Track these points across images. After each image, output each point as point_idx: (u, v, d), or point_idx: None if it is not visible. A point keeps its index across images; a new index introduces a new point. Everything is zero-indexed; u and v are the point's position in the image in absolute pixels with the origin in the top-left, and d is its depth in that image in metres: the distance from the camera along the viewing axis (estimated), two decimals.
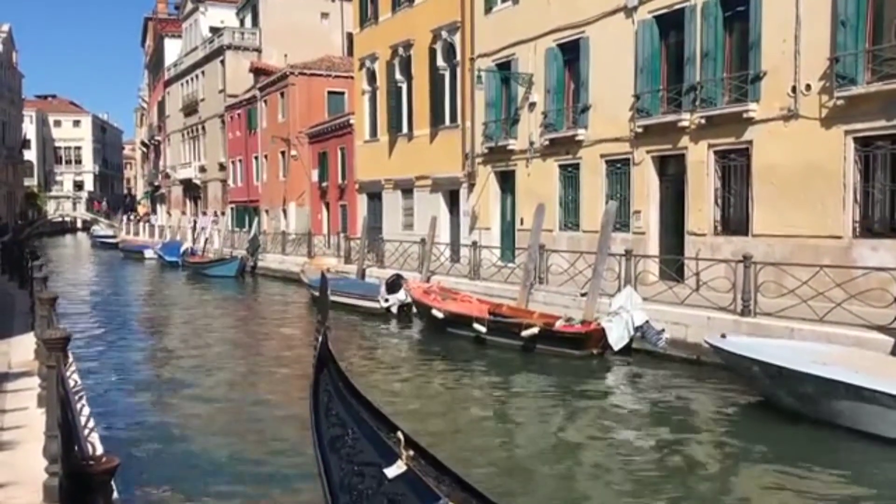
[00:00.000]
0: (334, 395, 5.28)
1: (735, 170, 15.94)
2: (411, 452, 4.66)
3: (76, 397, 7.02)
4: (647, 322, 13.25)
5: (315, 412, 5.22)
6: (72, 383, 7.47)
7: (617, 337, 13.37)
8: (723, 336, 10.78)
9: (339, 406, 5.20)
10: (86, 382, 9.98)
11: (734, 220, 16.05)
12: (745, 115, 15.28)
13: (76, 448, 3.77)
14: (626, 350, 13.37)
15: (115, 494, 4.77)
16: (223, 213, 47.82)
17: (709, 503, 7.24)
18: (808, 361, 9.14)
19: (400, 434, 4.79)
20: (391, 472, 4.51)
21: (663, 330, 13.11)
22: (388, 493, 4.45)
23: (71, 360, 9.00)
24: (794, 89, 14.47)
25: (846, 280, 12.03)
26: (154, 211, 69.19)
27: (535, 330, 13.89)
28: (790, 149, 14.52)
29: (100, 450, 5.22)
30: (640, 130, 17.77)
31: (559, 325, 14.08)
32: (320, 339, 5.54)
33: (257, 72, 44.45)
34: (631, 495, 7.36)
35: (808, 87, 14.24)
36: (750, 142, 15.36)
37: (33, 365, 7.89)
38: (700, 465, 8.24)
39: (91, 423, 6.71)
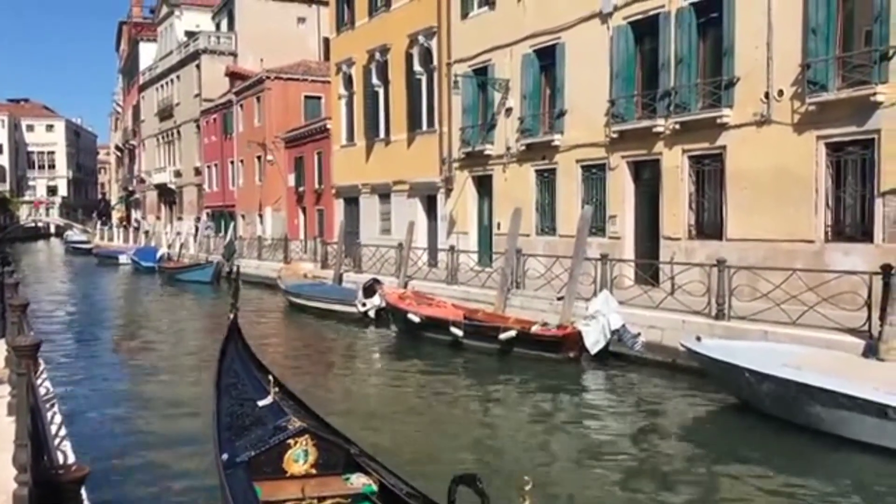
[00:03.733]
0: (236, 356, 6.99)
1: (709, 175, 16.10)
2: (277, 389, 6.52)
3: (48, 405, 6.94)
4: (623, 325, 13.33)
5: (219, 368, 6.85)
6: (43, 391, 7.39)
7: (593, 340, 13.43)
8: (698, 339, 10.86)
9: (238, 364, 6.94)
10: (58, 390, 9.86)
11: (708, 225, 16.20)
12: (718, 121, 15.44)
13: (45, 457, 3.72)
14: (603, 353, 13.44)
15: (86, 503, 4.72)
16: (199, 218, 47.48)
17: (682, 497, 7.29)
18: (780, 365, 9.23)
19: (271, 377, 6.73)
20: (262, 402, 6.37)
21: (639, 333, 13.19)
22: (257, 416, 6.27)
23: (42, 367, 8.90)
24: (766, 95, 14.65)
25: (818, 284, 12.18)
26: (129, 216, 68.49)
27: (512, 333, 13.92)
28: (763, 154, 14.69)
29: (71, 458, 5.15)
30: (615, 136, 17.89)
31: (536, 328, 14.12)
32: (231, 316, 7.24)
33: (233, 76, 44.24)
34: (605, 498, 7.39)
35: (781, 92, 14.43)
36: (723, 147, 15.52)
37: (3, 373, 7.76)
38: (674, 467, 8.30)
39: (63, 431, 6.64)
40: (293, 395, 6.66)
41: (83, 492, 3.91)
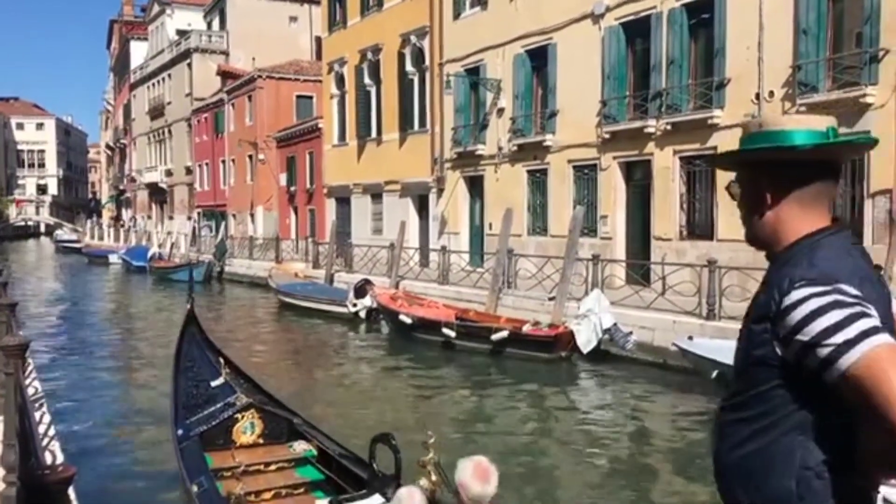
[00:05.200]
0: (192, 341, 7.57)
1: (700, 175, 16.15)
2: (228, 370, 7.23)
3: (36, 405, 6.90)
4: (615, 325, 13.34)
5: (177, 353, 7.40)
6: (32, 391, 7.35)
7: (585, 340, 13.45)
8: (690, 338, 10.89)
9: (194, 348, 7.51)
10: (46, 389, 9.80)
11: (699, 225, 16.25)
12: (710, 122, 15.49)
13: (34, 457, 3.69)
14: (595, 353, 13.45)
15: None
16: (190, 218, 47.36)
17: (677, 495, 7.31)
18: None
19: (222, 359, 7.40)
20: (215, 382, 7.06)
21: (631, 332, 13.22)
22: (210, 395, 6.94)
23: (32, 367, 8.86)
24: (757, 96, 14.71)
25: None
26: (119, 215, 68.21)
27: (504, 333, 13.92)
28: None
29: (60, 458, 5.13)
30: (607, 136, 17.93)
31: (527, 328, 14.12)
32: (189, 305, 7.87)
33: (224, 75, 44.10)
34: (595, 496, 7.40)
35: (772, 93, 14.49)
36: (715, 148, 15.55)
37: None
38: (666, 466, 8.32)
39: (51, 431, 6.61)
40: (244, 374, 7.43)
41: (71, 492, 3.88)
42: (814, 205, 1.91)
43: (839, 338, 1.63)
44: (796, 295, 1.72)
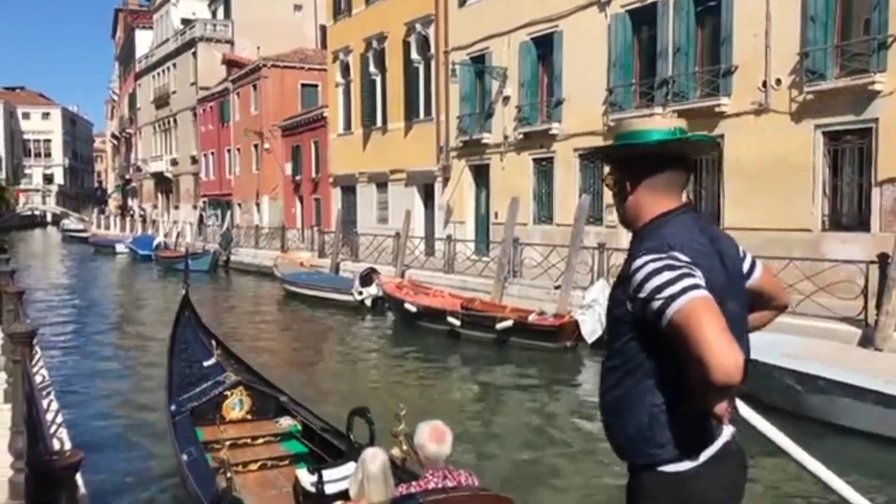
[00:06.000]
0: (187, 325, 8.09)
1: (706, 163, 16.08)
2: (220, 351, 7.75)
3: (44, 392, 6.94)
4: None
5: (173, 336, 7.88)
6: (40, 378, 7.39)
7: (590, 329, 13.43)
8: None
9: (189, 331, 8.03)
10: (54, 377, 9.85)
11: (705, 214, 16.17)
12: (716, 110, 15.42)
13: (41, 444, 3.71)
14: (600, 343, 13.43)
15: (82, 489, 4.71)
16: (196, 207, 47.43)
17: None
18: (777, 354, 9.23)
19: (214, 341, 7.92)
20: (207, 362, 7.47)
21: None
22: (203, 374, 7.32)
23: (39, 355, 8.90)
24: (764, 84, 14.62)
25: (815, 273, 12.19)
26: (125, 205, 68.32)
27: (508, 323, 13.91)
28: (761, 143, 14.67)
29: (67, 445, 5.15)
30: (612, 124, 17.84)
31: (532, 318, 14.11)
32: (184, 291, 8.46)
33: (229, 64, 44.06)
34: (600, 485, 7.40)
35: (779, 81, 14.40)
36: (721, 136, 15.49)
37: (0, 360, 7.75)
38: None
39: (59, 418, 6.64)
40: (234, 356, 7.94)
41: (78, 477, 3.90)
42: (666, 190, 2.31)
43: (666, 293, 2.05)
44: (640, 261, 2.14)
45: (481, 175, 22.91)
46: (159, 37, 56.09)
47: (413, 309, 16.07)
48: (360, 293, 19.21)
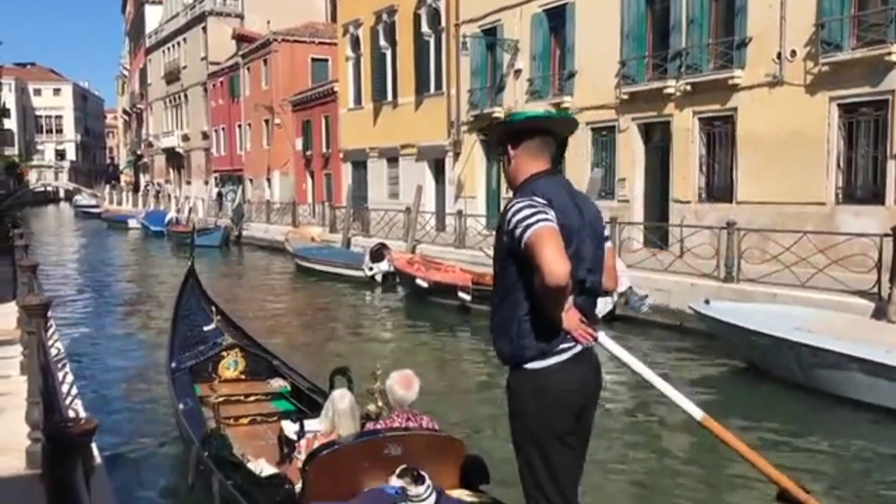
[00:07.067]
0: (191, 293, 8.83)
1: (720, 137, 15.97)
2: (219, 317, 8.37)
3: (59, 364, 7.01)
4: (630, 288, 13.30)
5: (178, 302, 8.61)
6: (55, 351, 7.46)
7: (600, 304, 13.39)
8: (706, 302, 10.83)
9: (192, 300, 8.73)
10: (69, 350, 9.95)
11: (719, 188, 16.10)
12: (730, 82, 15.26)
13: (57, 414, 3.76)
14: (610, 317, 13.42)
15: (98, 458, 4.78)
16: (207, 182, 47.50)
17: (688, 466, 7.33)
18: (790, 327, 9.21)
19: (214, 308, 8.59)
20: (207, 327, 8.08)
21: (647, 296, 13.18)
22: (202, 337, 7.91)
23: (54, 328, 8.99)
24: (779, 55, 14.45)
25: (828, 246, 12.12)
26: (137, 181, 68.49)
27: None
28: (775, 115, 14.53)
29: (82, 415, 5.21)
30: (625, 97, 17.72)
31: None
32: (190, 262, 9.29)
33: (240, 38, 43.87)
34: (610, 460, 7.44)
35: (794, 53, 14.23)
36: (735, 109, 15.36)
37: (15, 333, 7.83)
38: (678, 428, 8.33)
39: (74, 390, 6.71)
40: (233, 323, 8.61)
41: (94, 446, 3.95)
42: (536, 157, 3.09)
43: (525, 223, 2.83)
44: (511, 206, 2.95)
45: (492, 149, 22.81)
46: (169, 11, 55.86)
47: (424, 284, 16.08)
48: (371, 268, 19.24)
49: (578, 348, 3.00)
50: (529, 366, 3.00)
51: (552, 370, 2.97)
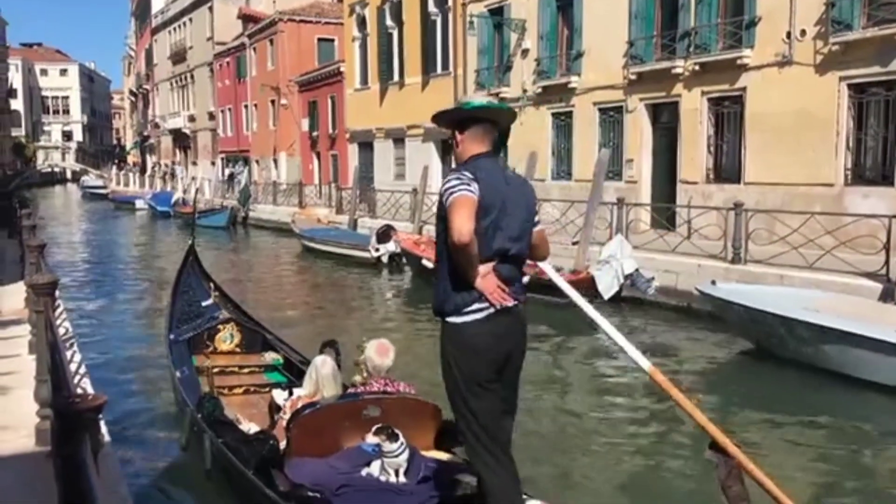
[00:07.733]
0: (191, 271, 9.26)
1: (728, 117, 15.86)
2: (217, 294, 8.76)
3: (67, 343, 7.04)
4: (636, 270, 13.26)
5: (178, 278, 9.05)
6: (62, 330, 7.49)
7: (606, 285, 13.38)
8: (713, 283, 10.81)
9: (192, 277, 9.18)
10: (77, 329, 10.00)
11: (726, 168, 16.02)
12: (739, 62, 15.14)
13: (65, 392, 3.77)
14: (616, 298, 13.41)
15: (106, 436, 4.81)
16: (213, 163, 47.47)
17: (696, 445, 7.34)
18: (798, 308, 9.19)
19: (212, 284, 9.05)
20: (205, 303, 8.52)
21: (653, 277, 13.14)
22: (200, 312, 8.35)
23: (61, 308, 9.02)
24: (788, 35, 14.32)
25: (837, 227, 12.06)
26: (144, 161, 68.50)
27: (525, 279, 13.84)
28: (784, 96, 14.42)
29: (90, 392, 5.23)
30: (633, 77, 17.60)
31: None
32: (190, 241, 9.73)
33: (246, 18, 43.67)
34: (617, 439, 7.46)
35: (803, 32, 14.09)
36: (743, 89, 15.25)
37: (24, 312, 7.87)
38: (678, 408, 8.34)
39: (82, 369, 6.75)
40: (230, 299, 8.97)
41: (102, 422, 3.98)
42: (480, 140, 3.57)
43: (449, 191, 3.32)
44: (446, 179, 3.40)
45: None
46: None
47: (430, 265, 16.07)
48: (377, 249, 19.23)
49: (492, 309, 3.38)
50: (450, 319, 3.42)
51: (468, 325, 3.38)
